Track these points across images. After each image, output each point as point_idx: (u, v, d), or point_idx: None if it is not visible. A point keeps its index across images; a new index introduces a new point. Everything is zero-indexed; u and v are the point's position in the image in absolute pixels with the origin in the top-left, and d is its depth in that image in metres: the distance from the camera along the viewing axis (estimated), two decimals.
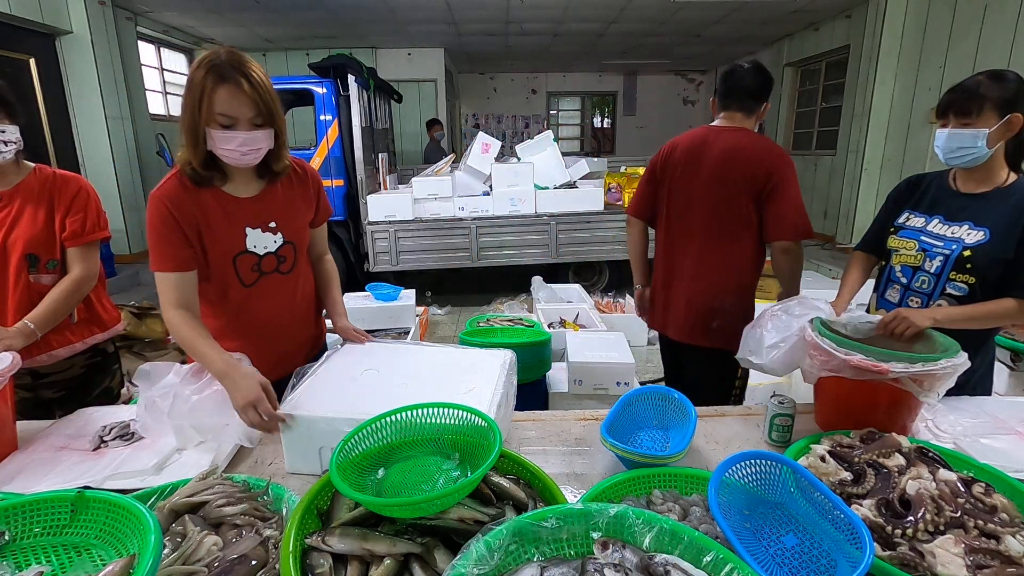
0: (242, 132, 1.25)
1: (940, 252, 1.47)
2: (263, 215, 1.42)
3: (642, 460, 1.13)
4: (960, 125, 1.36)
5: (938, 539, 0.88)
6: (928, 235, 1.51)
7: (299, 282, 1.54)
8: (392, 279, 4.67)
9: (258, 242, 1.42)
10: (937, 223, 1.51)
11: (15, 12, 5.14)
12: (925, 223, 1.53)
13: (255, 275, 1.44)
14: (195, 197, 1.34)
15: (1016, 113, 1.35)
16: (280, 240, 1.45)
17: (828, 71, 7.94)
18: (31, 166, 1.61)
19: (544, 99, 12.26)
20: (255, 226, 1.41)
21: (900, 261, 1.56)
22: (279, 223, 1.44)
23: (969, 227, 1.44)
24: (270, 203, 1.44)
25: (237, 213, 1.39)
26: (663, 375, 3.60)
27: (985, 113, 1.33)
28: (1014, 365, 2.47)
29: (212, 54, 1.23)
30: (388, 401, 1.11)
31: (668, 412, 1.37)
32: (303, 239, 1.52)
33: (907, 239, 1.54)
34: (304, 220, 1.52)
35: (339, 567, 0.84)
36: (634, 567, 0.73)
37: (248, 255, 1.42)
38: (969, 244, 1.42)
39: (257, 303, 1.46)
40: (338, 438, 1.03)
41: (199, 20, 7.38)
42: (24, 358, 1.36)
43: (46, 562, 0.82)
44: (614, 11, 7.22)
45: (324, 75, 5.31)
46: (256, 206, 1.42)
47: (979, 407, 1.43)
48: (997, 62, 5.03)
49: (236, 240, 1.39)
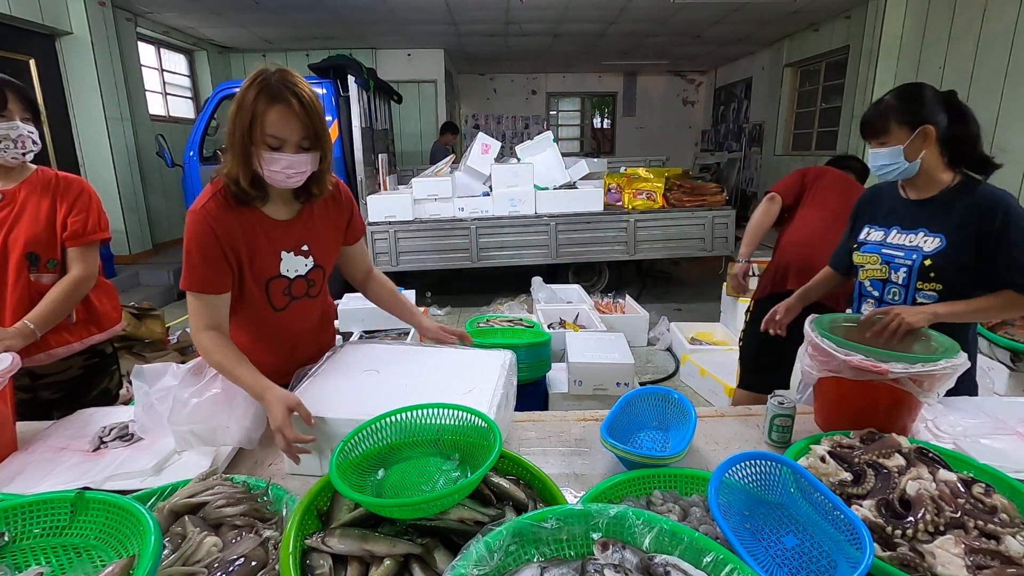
0: (288, 154, 1.22)
1: (903, 263, 1.48)
2: (297, 238, 1.38)
3: (642, 460, 1.13)
4: (877, 145, 1.43)
5: (938, 539, 0.88)
6: (888, 247, 1.53)
7: (321, 302, 1.54)
8: (392, 280, 4.67)
9: (291, 266, 1.39)
10: (895, 234, 1.53)
11: (15, 13, 5.14)
12: (884, 236, 1.55)
13: (286, 299, 1.41)
14: (237, 217, 1.29)
15: (926, 125, 1.38)
16: (311, 264, 1.41)
17: (828, 71, 7.94)
18: (33, 167, 1.63)
19: (544, 100, 12.27)
20: (289, 249, 1.37)
21: (868, 276, 1.58)
22: (311, 247, 1.40)
23: (925, 234, 1.46)
24: (304, 226, 1.39)
25: (275, 236, 1.35)
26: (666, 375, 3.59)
27: (894, 131, 1.38)
28: (1014, 365, 2.47)
29: (263, 73, 1.19)
30: (388, 402, 1.11)
31: (668, 413, 1.37)
32: (331, 262, 1.50)
33: (870, 254, 1.56)
34: (335, 244, 1.49)
35: (339, 568, 0.84)
36: (634, 568, 0.73)
37: (280, 279, 1.38)
38: (928, 252, 1.44)
39: (284, 325, 1.45)
40: (338, 439, 1.03)
41: (199, 21, 7.38)
42: (22, 358, 1.36)
43: (46, 563, 0.82)
44: (614, 11, 7.22)
45: (324, 76, 5.32)
46: (291, 229, 1.37)
47: (979, 407, 1.43)
48: (997, 62, 5.04)
49: (272, 264, 1.36)
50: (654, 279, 6.63)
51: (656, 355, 4.16)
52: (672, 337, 4.20)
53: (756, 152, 9.82)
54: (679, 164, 9.16)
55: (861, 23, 6.75)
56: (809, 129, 8.44)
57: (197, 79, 8.58)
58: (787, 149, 9.00)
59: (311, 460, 1.17)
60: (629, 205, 5.43)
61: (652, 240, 5.44)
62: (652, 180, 5.51)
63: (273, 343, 1.46)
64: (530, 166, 5.25)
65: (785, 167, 8.83)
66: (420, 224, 5.22)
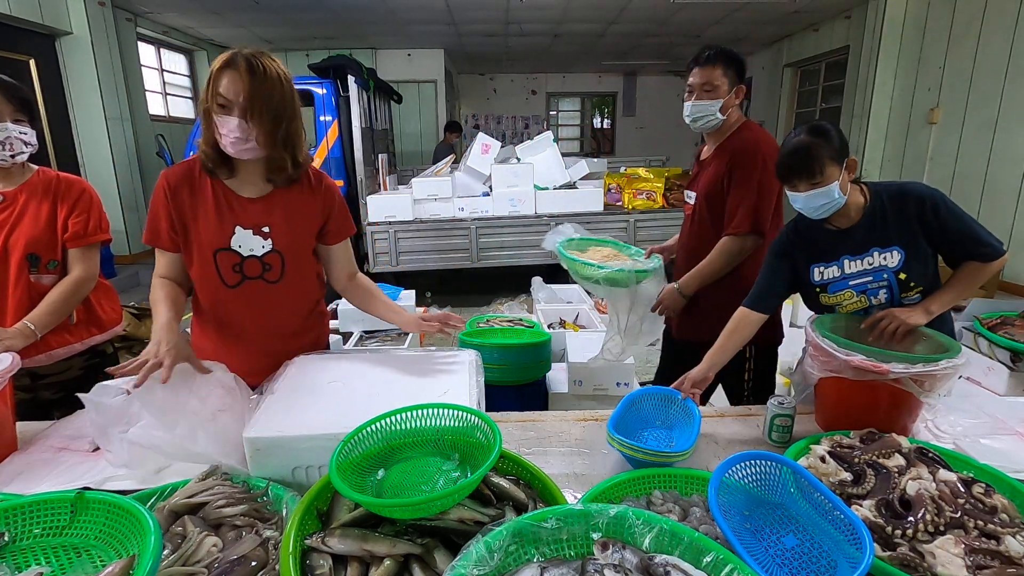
0: (235, 117, 1.26)
1: (880, 286, 1.45)
2: (259, 217, 1.40)
3: (648, 457, 1.13)
4: (809, 187, 1.38)
5: (938, 539, 0.88)
6: (853, 278, 1.48)
7: (287, 295, 1.48)
8: (392, 280, 4.67)
9: (244, 243, 1.40)
10: (848, 263, 1.48)
11: (15, 13, 5.14)
12: (839, 270, 1.50)
13: (237, 276, 1.42)
14: (198, 184, 1.38)
15: (849, 157, 1.40)
16: (268, 246, 1.41)
17: (828, 72, 7.95)
18: (34, 168, 1.63)
19: (544, 100, 12.27)
20: (247, 226, 1.39)
21: (849, 311, 1.52)
22: (273, 230, 1.41)
23: (878, 251, 1.44)
24: (269, 208, 1.41)
25: (232, 209, 1.39)
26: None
27: (828, 170, 1.35)
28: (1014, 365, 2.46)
29: (236, 48, 1.28)
30: (363, 413, 1.05)
31: (672, 412, 1.37)
32: (298, 253, 1.47)
33: (841, 291, 1.50)
34: (304, 234, 1.47)
35: (339, 568, 0.83)
36: (634, 568, 0.73)
37: (230, 253, 1.40)
38: (896, 267, 1.43)
39: (237, 307, 1.44)
40: (316, 456, 1.01)
41: (199, 21, 7.38)
42: (23, 358, 1.36)
43: (46, 563, 0.82)
44: (614, 12, 7.22)
45: (324, 76, 5.32)
46: (253, 207, 1.40)
47: (979, 407, 1.43)
48: (997, 62, 5.04)
49: (222, 236, 1.38)
50: None
51: (656, 355, 4.15)
52: None
53: None
54: (679, 164, 9.13)
55: (861, 23, 6.75)
56: None
57: (197, 79, 8.58)
58: None
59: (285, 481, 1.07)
60: (629, 205, 5.43)
61: (652, 240, 5.41)
62: (652, 180, 5.51)
63: (223, 326, 1.45)
64: (530, 166, 5.25)
65: None
66: (420, 224, 5.22)
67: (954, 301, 1.42)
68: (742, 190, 1.82)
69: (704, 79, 1.80)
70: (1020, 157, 4.84)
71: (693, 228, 2.00)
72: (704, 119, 1.85)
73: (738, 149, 1.85)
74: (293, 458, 1.06)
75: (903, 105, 6.36)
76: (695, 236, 1.98)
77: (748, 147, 1.84)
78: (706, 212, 1.93)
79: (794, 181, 1.40)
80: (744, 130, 1.90)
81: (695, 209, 1.98)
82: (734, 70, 1.82)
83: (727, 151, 1.87)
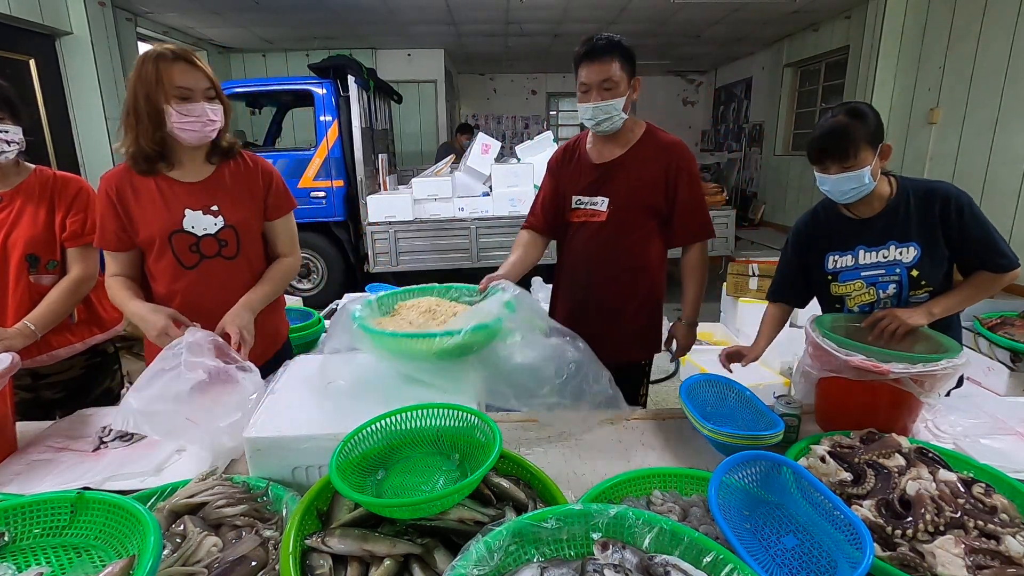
0: (201, 103, 1.38)
1: (890, 280, 1.46)
2: (205, 198, 1.49)
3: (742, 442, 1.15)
4: (842, 170, 1.35)
5: (938, 540, 0.88)
6: (866, 269, 1.48)
7: (247, 270, 1.57)
8: (392, 280, 4.67)
9: (197, 223, 1.48)
10: (864, 254, 1.48)
11: (15, 13, 5.14)
12: (853, 259, 1.50)
13: (195, 257, 1.49)
14: (139, 182, 1.46)
15: (885, 143, 1.38)
16: (221, 223, 1.50)
17: (828, 72, 7.94)
18: (31, 167, 1.61)
19: (544, 100, 12.26)
20: (196, 208, 1.48)
21: (856, 303, 1.52)
22: (221, 207, 1.51)
23: (895, 246, 1.44)
24: (214, 188, 1.51)
25: (178, 195, 1.48)
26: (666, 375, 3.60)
27: (861, 153, 1.33)
28: (1014, 365, 2.47)
29: (153, 49, 1.38)
30: (363, 413, 1.05)
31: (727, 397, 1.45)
32: (249, 227, 1.56)
33: (851, 281, 1.51)
34: (250, 209, 1.56)
35: (339, 568, 0.84)
36: (634, 568, 0.73)
37: (185, 234, 1.47)
38: (910, 263, 1.42)
39: (197, 289, 1.50)
40: (316, 456, 1.01)
41: (199, 21, 7.38)
42: (24, 358, 1.36)
43: (46, 563, 0.82)
44: (614, 12, 7.22)
45: (324, 76, 5.31)
46: (200, 189, 1.50)
47: (979, 407, 1.43)
48: (997, 62, 5.04)
49: (173, 220, 1.46)
50: None
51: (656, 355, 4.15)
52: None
53: (756, 152, 9.82)
54: None
55: (861, 23, 6.74)
56: (809, 129, 8.43)
57: None
58: (787, 149, 9.00)
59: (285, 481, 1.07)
60: None
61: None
62: None
63: (194, 311, 1.44)
64: (530, 166, 5.25)
65: (785, 167, 8.83)
66: (420, 224, 5.22)
67: (958, 307, 1.41)
68: (696, 194, 1.73)
69: (603, 75, 1.58)
70: (1020, 157, 4.84)
71: (603, 237, 1.75)
72: (608, 120, 1.64)
73: (675, 151, 1.71)
74: (293, 458, 1.07)
75: (903, 105, 6.35)
76: (607, 247, 1.75)
77: (684, 148, 1.73)
78: (626, 219, 1.73)
79: (826, 163, 1.37)
80: (654, 129, 1.77)
81: (609, 216, 1.73)
82: (630, 63, 1.63)
83: (658, 153, 1.71)
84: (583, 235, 1.80)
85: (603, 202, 1.74)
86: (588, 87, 1.62)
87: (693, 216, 1.73)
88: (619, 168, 1.73)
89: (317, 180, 5.30)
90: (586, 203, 1.78)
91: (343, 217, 5.47)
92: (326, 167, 5.35)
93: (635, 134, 1.75)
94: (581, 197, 1.78)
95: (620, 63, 1.59)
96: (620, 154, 1.73)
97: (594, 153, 1.78)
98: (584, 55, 1.60)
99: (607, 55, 1.58)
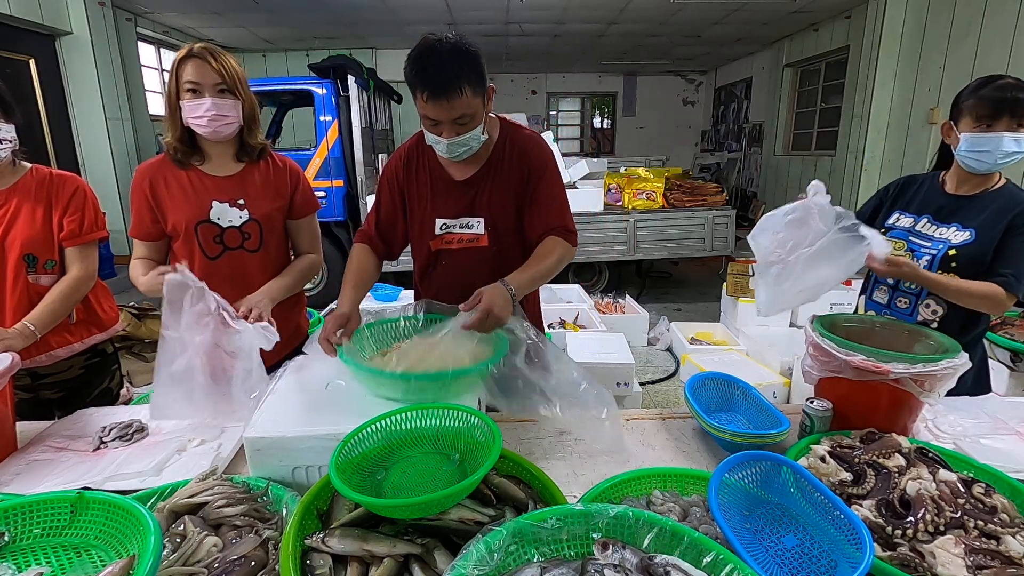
0: (209, 98, 1.43)
1: (927, 252, 1.48)
2: (233, 192, 1.56)
3: (748, 441, 1.17)
4: (1016, 129, 1.31)
5: (938, 540, 0.88)
6: (916, 235, 1.53)
7: (268, 264, 1.62)
8: (392, 280, 4.67)
9: (223, 215, 1.54)
10: (925, 223, 1.52)
11: (15, 12, 5.14)
12: (914, 223, 1.55)
13: (218, 247, 1.55)
14: (172, 173, 1.54)
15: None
16: (246, 216, 1.56)
17: (828, 72, 7.95)
18: (28, 166, 1.59)
19: (544, 100, 12.26)
20: (223, 200, 1.55)
21: None
22: (248, 201, 1.57)
23: (957, 228, 1.46)
24: (243, 183, 1.57)
25: (207, 187, 1.54)
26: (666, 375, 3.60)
27: None
28: (1014, 365, 2.47)
29: (188, 46, 1.46)
30: (363, 413, 1.05)
31: (730, 395, 1.44)
32: (272, 223, 1.61)
33: (897, 239, 1.55)
34: (275, 206, 1.62)
35: (339, 568, 0.84)
36: (634, 567, 0.73)
37: (210, 225, 1.54)
38: (955, 244, 1.44)
39: (218, 280, 1.43)
40: (316, 456, 1.01)
41: (199, 21, 7.39)
42: (23, 358, 1.36)
43: (46, 563, 0.82)
44: (614, 12, 7.22)
45: (324, 76, 5.31)
46: (229, 183, 1.56)
47: (979, 407, 1.43)
48: (997, 62, 5.04)
49: (200, 210, 1.53)
50: (654, 279, 6.63)
51: (656, 355, 4.16)
52: (672, 337, 4.19)
53: (756, 152, 9.82)
54: (679, 164, 9.16)
55: (861, 23, 6.75)
56: (809, 129, 8.44)
57: None
58: (787, 149, 9.00)
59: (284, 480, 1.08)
60: (629, 205, 5.43)
61: (652, 240, 5.44)
62: (652, 180, 5.51)
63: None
64: None
65: (785, 167, 8.84)
66: None
67: (948, 291, 1.43)
68: (556, 186, 1.55)
69: (454, 114, 1.30)
70: None
71: (488, 260, 1.52)
72: (467, 150, 1.41)
73: (529, 150, 1.51)
74: (293, 458, 1.07)
75: (903, 105, 6.36)
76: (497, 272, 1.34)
77: (538, 141, 1.54)
78: (508, 239, 1.54)
79: (1002, 117, 1.32)
80: (507, 124, 1.54)
81: (491, 239, 1.52)
82: (480, 78, 1.31)
83: (515, 153, 1.50)
84: (464, 261, 1.55)
85: (479, 223, 1.52)
86: (437, 122, 1.35)
87: (550, 211, 1.51)
88: (485, 180, 1.51)
89: (317, 180, 5.30)
90: (458, 227, 1.54)
91: (343, 217, 5.47)
92: (326, 167, 5.35)
93: (492, 137, 1.50)
94: (449, 221, 1.53)
95: (471, 89, 1.28)
96: (483, 164, 1.51)
97: (453, 169, 1.53)
98: (425, 90, 1.29)
99: (452, 89, 1.26)
